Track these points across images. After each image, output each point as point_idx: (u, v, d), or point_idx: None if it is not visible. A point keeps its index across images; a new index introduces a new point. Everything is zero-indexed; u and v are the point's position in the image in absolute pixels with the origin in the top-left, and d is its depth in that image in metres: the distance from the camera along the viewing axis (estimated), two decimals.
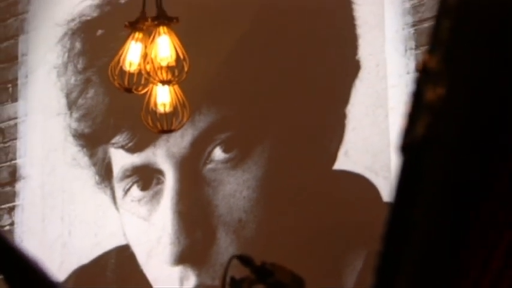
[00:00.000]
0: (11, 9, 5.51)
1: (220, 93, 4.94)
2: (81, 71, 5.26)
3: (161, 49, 4.05)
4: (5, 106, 5.40)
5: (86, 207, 5.15)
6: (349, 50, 4.68)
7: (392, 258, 1.15)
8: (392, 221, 1.12)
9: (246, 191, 4.79)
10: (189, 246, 4.85)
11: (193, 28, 4.61)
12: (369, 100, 4.61)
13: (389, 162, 4.48)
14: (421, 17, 4.55)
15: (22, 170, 5.31)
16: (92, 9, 5.32)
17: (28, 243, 5.19)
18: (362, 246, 4.47)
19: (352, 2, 4.71)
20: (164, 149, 4.96)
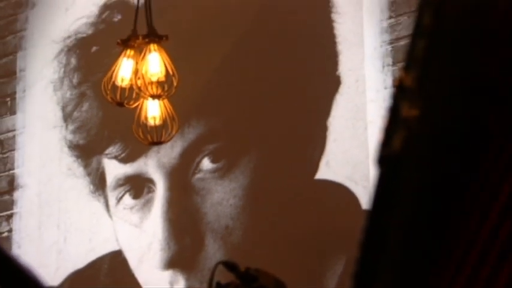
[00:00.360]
0: (10, 27, 5.50)
1: (208, 106, 4.93)
2: (76, 85, 5.26)
3: (151, 65, 4.05)
4: (3, 119, 5.39)
5: (80, 215, 5.13)
6: (330, 65, 4.68)
7: (369, 266, 1.15)
8: (369, 230, 1.12)
9: (233, 200, 4.78)
10: (179, 252, 4.84)
11: (183, 45, 4.60)
12: (349, 113, 4.61)
13: (368, 172, 4.48)
14: (398, 35, 4.55)
15: (20, 179, 5.29)
16: (87, 27, 5.31)
17: (25, 250, 5.19)
18: (342, 251, 4.46)
19: (333, 21, 4.71)
20: (155, 159, 4.95)
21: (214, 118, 4.93)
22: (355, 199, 4.52)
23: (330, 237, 4.49)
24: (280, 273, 3.45)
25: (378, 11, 4.62)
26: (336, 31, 4.70)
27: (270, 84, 4.83)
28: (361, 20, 4.66)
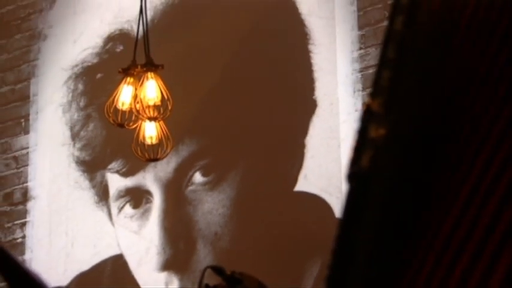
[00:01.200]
0: (24, 57, 5.48)
1: (199, 127, 4.91)
2: (83, 108, 5.24)
3: (149, 91, 4.04)
4: (18, 138, 5.36)
5: (86, 223, 5.11)
6: (308, 90, 4.67)
7: (339, 274, 1.13)
8: (338, 244, 1.10)
9: (222, 209, 4.76)
10: (173, 256, 4.81)
11: (177, 73, 4.59)
12: (324, 133, 4.60)
13: (341, 185, 4.47)
14: (367, 65, 4.55)
15: (32, 191, 5.26)
16: (93, 56, 5.30)
17: (37, 254, 5.16)
18: (318, 255, 4.44)
19: (310, 51, 4.71)
20: (152, 173, 4.93)
21: (205, 137, 4.91)
22: (329, 209, 4.50)
23: (307, 243, 4.48)
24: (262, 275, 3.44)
25: (349, 43, 4.63)
26: (313, 60, 4.70)
27: (253, 107, 4.82)
28: (334, 50, 4.66)
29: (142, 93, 4.05)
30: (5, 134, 5.41)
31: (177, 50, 4.88)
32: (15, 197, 5.29)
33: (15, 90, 5.45)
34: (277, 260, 4.50)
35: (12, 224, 5.25)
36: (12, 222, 5.25)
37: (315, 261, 4.47)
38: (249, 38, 4.92)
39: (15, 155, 5.35)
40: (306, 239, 4.49)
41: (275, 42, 4.84)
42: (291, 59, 4.77)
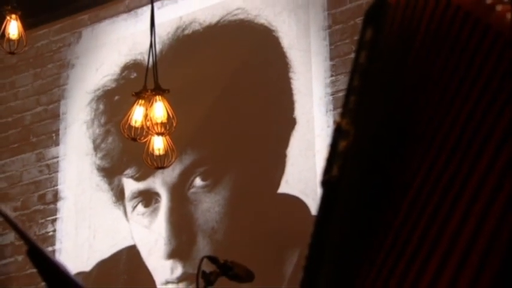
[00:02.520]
0: (55, 82, 5.47)
1: (199, 140, 4.89)
2: (103, 124, 5.23)
3: (157, 111, 4.03)
4: (50, 149, 5.34)
5: (105, 219, 5.08)
6: (288, 110, 4.67)
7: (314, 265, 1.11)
8: (314, 236, 1.08)
9: (217, 208, 4.74)
10: (177, 246, 4.79)
11: (181, 95, 4.57)
12: (302, 145, 4.59)
13: (316, 188, 4.46)
14: (337, 89, 4.55)
15: (61, 193, 5.24)
16: (111, 82, 5.28)
17: (65, 245, 5.13)
18: (297, 246, 4.44)
19: (290, 78, 4.71)
20: (160, 178, 4.91)
21: (204, 149, 4.89)
22: (306, 208, 4.49)
23: (288, 236, 4.46)
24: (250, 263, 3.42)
25: (322, 71, 4.62)
26: (292, 85, 4.70)
27: (244, 124, 4.81)
28: (310, 77, 4.65)
29: (152, 112, 4.04)
30: (39, 145, 5.38)
31: (181, 77, 4.87)
32: (47, 198, 5.26)
33: (47, 109, 5.43)
34: (263, 249, 4.48)
35: (45, 220, 5.22)
36: (45, 219, 5.22)
37: (294, 251, 4.45)
38: (241, 67, 4.91)
39: (48, 163, 5.32)
40: (287, 232, 4.47)
41: (262, 70, 4.84)
42: (275, 84, 4.76)
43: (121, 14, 5.32)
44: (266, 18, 4.87)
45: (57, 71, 5.46)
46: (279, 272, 4.46)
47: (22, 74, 5.54)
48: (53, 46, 5.51)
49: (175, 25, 5.13)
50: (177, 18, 5.13)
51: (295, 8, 4.79)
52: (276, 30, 4.83)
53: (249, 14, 4.94)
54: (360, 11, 4.56)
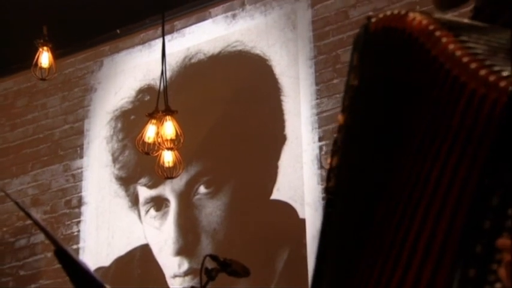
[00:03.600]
0: (80, 104, 5.46)
1: (203, 154, 4.87)
2: (121, 140, 5.22)
3: (167, 129, 4.05)
4: (75, 161, 5.33)
5: (122, 221, 5.06)
6: (280, 128, 4.66)
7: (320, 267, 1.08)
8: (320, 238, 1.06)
9: (219, 212, 4.73)
10: (184, 245, 4.77)
11: (187, 115, 4.56)
12: (291, 158, 4.57)
13: (303, 195, 4.46)
14: (322, 110, 4.55)
15: (85, 198, 5.22)
16: (128, 103, 5.28)
17: (88, 243, 5.11)
18: (286, 244, 4.41)
19: (281, 100, 4.70)
20: (169, 186, 4.89)
21: (207, 161, 4.87)
22: (295, 212, 4.47)
23: (279, 235, 4.45)
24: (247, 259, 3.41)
25: (309, 94, 4.62)
26: (283, 107, 4.69)
27: (241, 140, 4.78)
28: (299, 100, 4.65)
29: (163, 130, 4.05)
30: (66, 158, 5.36)
31: (188, 100, 4.87)
32: (72, 203, 5.24)
33: (73, 127, 5.42)
34: (258, 248, 4.46)
35: (70, 222, 5.20)
36: (71, 221, 5.20)
37: (284, 250, 4.42)
38: (239, 91, 4.90)
39: (73, 173, 5.31)
40: (278, 232, 4.46)
41: (257, 93, 4.83)
42: (268, 105, 4.76)
43: (136, 46, 5.32)
44: (261, 50, 4.88)
45: (82, 94, 5.46)
46: (271, 268, 4.43)
47: (52, 96, 5.53)
48: (78, 73, 5.51)
49: (183, 55, 5.13)
50: (185, 49, 5.13)
51: (286, 41, 4.80)
52: (269, 60, 4.83)
53: (246, 45, 4.94)
54: (341, 43, 4.56)
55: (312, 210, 4.40)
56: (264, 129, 4.74)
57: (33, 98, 5.59)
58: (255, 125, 4.77)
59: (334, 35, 4.62)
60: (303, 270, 4.27)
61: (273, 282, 4.42)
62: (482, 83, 0.83)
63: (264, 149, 4.69)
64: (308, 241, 4.33)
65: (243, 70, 4.94)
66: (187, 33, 5.14)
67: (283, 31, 4.83)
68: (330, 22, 4.66)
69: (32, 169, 5.43)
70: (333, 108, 4.49)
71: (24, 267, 5.23)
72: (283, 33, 4.82)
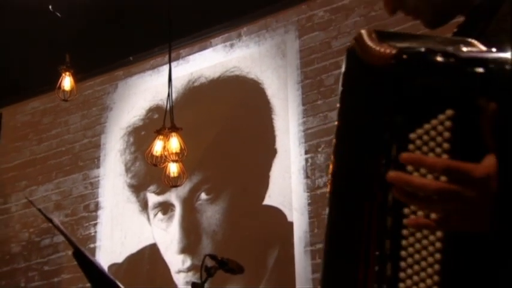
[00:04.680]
0: (98, 121, 5.42)
1: (204, 165, 4.81)
2: (132, 153, 5.20)
3: (172, 144, 4.02)
4: (93, 170, 5.29)
5: (133, 223, 5.01)
6: (271, 143, 4.62)
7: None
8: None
9: (218, 215, 4.69)
10: (187, 244, 4.71)
11: (190, 131, 4.53)
12: (281, 169, 4.54)
13: (291, 201, 4.43)
14: (307, 127, 4.54)
15: (101, 203, 5.19)
16: (139, 121, 5.25)
17: (103, 243, 5.05)
18: (276, 244, 4.36)
19: (272, 119, 4.68)
20: (175, 193, 4.84)
21: (207, 171, 4.81)
22: (284, 215, 4.42)
23: (270, 236, 4.41)
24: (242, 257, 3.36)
25: (296, 114, 4.61)
26: (274, 124, 4.67)
27: (238, 153, 4.73)
28: (288, 118, 4.64)
29: (169, 145, 4.02)
30: (85, 168, 5.31)
31: (191, 118, 4.84)
32: (90, 207, 5.19)
33: (91, 141, 5.38)
34: (251, 247, 4.41)
35: (88, 224, 5.15)
36: (88, 223, 5.15)
37: (275, 249, 4.38)
38: (236, 110, 4.86)
39: (91, 181, 5.26)
40: (269, 234, 4.41)
41: (252, 112, 4.80)
42: (261, 123, 4.72)
43: (147, 71, 5.30)
44: (255, 74, 4.85)
45: (99, 113, 5.41)
46: (263, 265, 4.38)
47: (73, 115, 5.49)
48: (96, 94, 5.47)
49: (187, 79, 5.10)
50: (189, 73, 5.11)
51: (277, 67, 4.78)
52: (262, 83, 4.80)
53: (242, 71, 4.91)
54: (325, 70, 4.54)
55: (298, 214, 4.36)
56: (257, 143, 4.70)
57: (57, 116, 5.56)
58: (250, 139, 4.73)
59: (319, 62, 4.61)
60: (291, 267, 4.24)
61: (264, 278, 4.37)
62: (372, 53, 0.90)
63: (257, 160, 4.65)
64: (295, 241, 4.29)
65: (239, 92, 4.91)
66: (191, 60, 5.13)
67: (275, 59, 4.81)
68: (315, 51, 4.65)
69: (55, 178, 5.38)
70: (317, 125, 4.47)
71: (48, 263, 5.18)
72: (275, 60, 4.80)
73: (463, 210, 0.80)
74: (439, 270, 0.82)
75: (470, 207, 0.80)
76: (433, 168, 0.80)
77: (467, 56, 0.83)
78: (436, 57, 0.82)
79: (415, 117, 0.83)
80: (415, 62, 0.83)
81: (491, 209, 0.80)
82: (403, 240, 0.84)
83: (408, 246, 0.83)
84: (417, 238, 0.83)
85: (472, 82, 0.81)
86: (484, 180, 0.80)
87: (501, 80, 0.81)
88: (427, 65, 0.82)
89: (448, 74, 0.81)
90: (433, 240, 0.82)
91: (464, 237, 0.82)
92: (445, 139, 0.82)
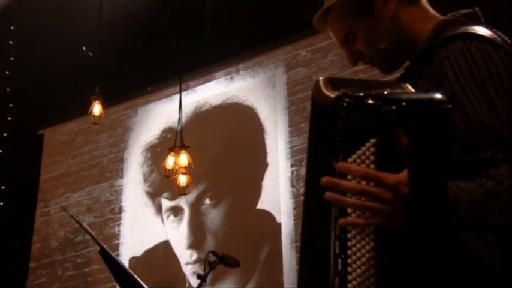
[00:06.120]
0: (121, 139, 5.38)
1: (208, 176, 4.77)
2: (149, 166, 5.16)
3: (182, 159, 3.96)
4: (117, 180, 5.24)
5: (150, 224, 4.96)
6: (263, 158, 4.60)
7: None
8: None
9: (219, 217, 4.64)
10: (194, 241, 4.66)
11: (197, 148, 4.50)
12: (271, 179, 4.51)
13: (279, 205, 4.39)
14: (293, 145, 4.52)
15: (124, 207, 5.14)
16: (155, 139, 5.21)
17: (125, 239, 4.98)
18: (267, 242, 4.32)
19: (264, 138, 4.66)
20: (184, 199, 4.79)
21: (211, 181, 4.77)
22: (273, 217, 4.38)
23: (262, 235, 4.37)
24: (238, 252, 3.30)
25: (284, 134, 4.59)
26: (266, 142, 4.64)
27: (236, 166, 4.69)
28: (277, 138, 4.62)
29: (179, 160, 3.97)
30: (111, 178, 5.26)
31: (197, 137, 4.78)
32: (115, 210, 5.15)
33: (116, 156, 5.34)
34: (246, 243, 4.36)
35: (113, 224, 5.10)
36: (114, 223, 5.10)
37: (266, 245, 4.34)
38: (235, 131, 4.83)
39: (116, 189, 5.22)
40: (261, 233, 4.37)
41: (247, 133, 4.77)
42: (255, 141, 4.69)
43: (162, 99, 5.28)
44: (250, 102, 4.84)
45: (123, 133, 5.38)
46: (256, 259, 4.34)
47: (101, 134, 5.46)
48: (120, 118, 5.44)
49: (194, 105, 5.08)
50: (196, 101, 5.09)
51: (268, 96, 4.77)
52: (256, 109, 4.78)
53: (240, 99, 4.90)
54: (307, 98, 4.54)
55: (285, 217, 4.33)
56: (251, 158, 4.67)
57: (88, 136, 5.52)
58: (245, 155, 4.70)
59: (302, 92, 4.61)
60: (279, 260, 4.20)
61: (257, 269, 4.33)
62: (323, 96, 0.94)
63: (252, 172, 4.62)
64: (283, 239, 4.25)
65: (237, 116, 4.89)
66: (198, 90, 5.11)
67: (266, 89, 4.80)
68: (299, 83, 4.65)
69: (87, 186, 5.34)
70: (301, 144, 4.46)
71: (80, 256, 5.13)
72: (266, 90, 4.79)
73: (383, 209, 0.86)
74: (375, 264, 0.88)
75: (388, 207, 0.86)
76: (355, 174, 0.87)
77: (387, 97, 0.88)
78: (365, 99, 0.88)
79: (350, 145, 0.89)
80: (349, 103, 0.89)
81: (406, 209, 0.85)
82: (348, 242, 0.89)
83: (352, 246, 0.89)
84: (357, 240, 0.89)
85: (388, 117, 0.87)
86: (395, 185, 0.86)
87: (410, 113, 0.86)
88: (358, 105, 0.88)
89: (372, 112, 0.87)
90: (368, 241, 0.88)
91: (390, 237, 0.88)
92: (371, 161, 0.88)
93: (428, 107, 0.86)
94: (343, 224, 0.88)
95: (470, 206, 0.88)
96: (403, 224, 0.86)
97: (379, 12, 1.10)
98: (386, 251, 0.88)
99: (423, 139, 0.84)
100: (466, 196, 0.88)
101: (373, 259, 0.87)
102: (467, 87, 0.95)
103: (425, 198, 0.85)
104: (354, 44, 1.14)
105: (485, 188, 0.89)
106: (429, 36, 1.06)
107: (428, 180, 0.84)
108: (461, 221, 0.87)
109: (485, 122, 0.93)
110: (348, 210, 0.89)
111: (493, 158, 0.91)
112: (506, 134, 0.92)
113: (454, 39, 1.00)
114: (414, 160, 0.85)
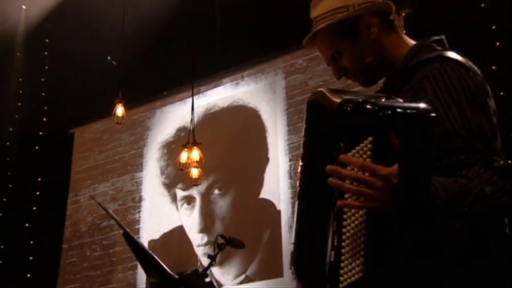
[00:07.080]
0: (141, 137, 5.35)
1: (217, 169, 4.74)
2: (166, 160, 5.14)
3: (194, 154, 3.97)
4: (138, 173, 5.23)
5: (166, 211, 4.94)
6: (265, 153, 4.57)
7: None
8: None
9: (226, 205, 4.63)
10: (205, 226, 4.65)
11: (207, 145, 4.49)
12: (272, 172, 4.49)
13: (279, 195, 4.38)
14: (291, 142, 4.50)
15: (144, 197, 5.12)
16: (171, 137, 5.17)
17: (145, 225, 4.97)
18: (268, 227, 4.31)
19: (266, 137, 4.65)
20: (196, 190, 4.77)
21: (219, 174, 4.74)
22: (274, 205, 4.36)
23: (264, 221, 4.35)
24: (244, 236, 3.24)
25: (283, 132, 4.58)
26: (267, 140, 4.63)
27: (242, 161, 4.67)
28: (277, 136, 4.59)
29: (191, 155, 3.97)
30: (132, 171, 5.25)
31: (208, 135, 4.74)
32: (136, 199, 5.14)
33: (137, 152, 5.32)
34: (250, 228, 4.35)
35: (135, 211, 5.09)
36: (135, 211, 5.09)
37: (267, 230, 4.32)
38: (240, 130, 4.80)
39: (136, 180, 5.21)
40: (264, 219, 4.35)
41: (251, 131, 4.74)
42: (258, 139, 4.67)
43: (176, 102, 5.26)
44: (254, 104, 4.82)
45: (142, 132, 5.36)
46: (258, 242, 4.33)
47: (124, 133, 5.44)
48: (140, 119, 5.43)
49: (205, 107, 5.07)
50: (206, 104, 5.08)
51: (269, 100, 4.76)
52: (259, 111, 4.76)
53: (244, 101, 4.89)
54: (303, 101, 4.50)
55: (284, 205, 4.32)
56: (254, 154, 4.65)
57: (112, 134, 5.52)
58: (249, 151, 4.68)
59: (299, 96, 4.60)
60: (279, 243, 4.19)
61: (259, 251, 4.32)
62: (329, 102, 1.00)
63: (255, 166, 4.60)
64: (282, 224, 4.25)
65: (242, 117, 4.87)
66: (208, 94, 5.10)
67: (267, 93, 4.79)
68: (296, 88, 4.65)
69: (111, 178, 5.34)
70: (298, 141, 4.45)
71: (106, 239, 5.14)
72: (267, 94, 4.78)
73: (375, 195, 0.92)
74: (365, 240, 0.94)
75: (380, 193, 0.92)
76: (355, 164, 0.93)
77: (383, 104, 0.95)
78: (365, 105, 0.94)
79: (350, 142, 0.95)
80: (352, 107, 0.96)
81: (394, 197, 0.92)
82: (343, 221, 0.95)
83: (347, 225, 0.95)
84: (352, 220, 0.94)
85: (384, 119, 0.93)
86: (387, 176, 0.92)
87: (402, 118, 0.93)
88: (359, 109, 0.95)
89: (371, 115, 0.94)
90: (361, 221, 0.94)
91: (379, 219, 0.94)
92: (368, 156, 0.94)
93: (417, 113, 0.92)
94: (341, 205, 0.93)
95: (446, 195, 0.95)
96: (390, 209, 0.93)
97: (364, 35, 1.16)
98: (376, 230, 0.93)
99: (412, 140, 0.91)
100: (443, 188, 0.95)
101: (364, 236, 0.93)
102: (444, 102, 1.02)
103: (411, 189, 0.91)
104: (340, 61, 1.18)
105: (459, 183, 0.96)
106: (405, 57, 1.14)
107: (414, 174, 0.91)
108: (438, 208, 0.94)
109: (460, 133, 1.00)
110: (345, 196, 0.94)
111: (465, 162, 0.98)
112: (477, 142, 0.99)
113: (432, 61, 1.07)
114: (404, 157, 0.91)
